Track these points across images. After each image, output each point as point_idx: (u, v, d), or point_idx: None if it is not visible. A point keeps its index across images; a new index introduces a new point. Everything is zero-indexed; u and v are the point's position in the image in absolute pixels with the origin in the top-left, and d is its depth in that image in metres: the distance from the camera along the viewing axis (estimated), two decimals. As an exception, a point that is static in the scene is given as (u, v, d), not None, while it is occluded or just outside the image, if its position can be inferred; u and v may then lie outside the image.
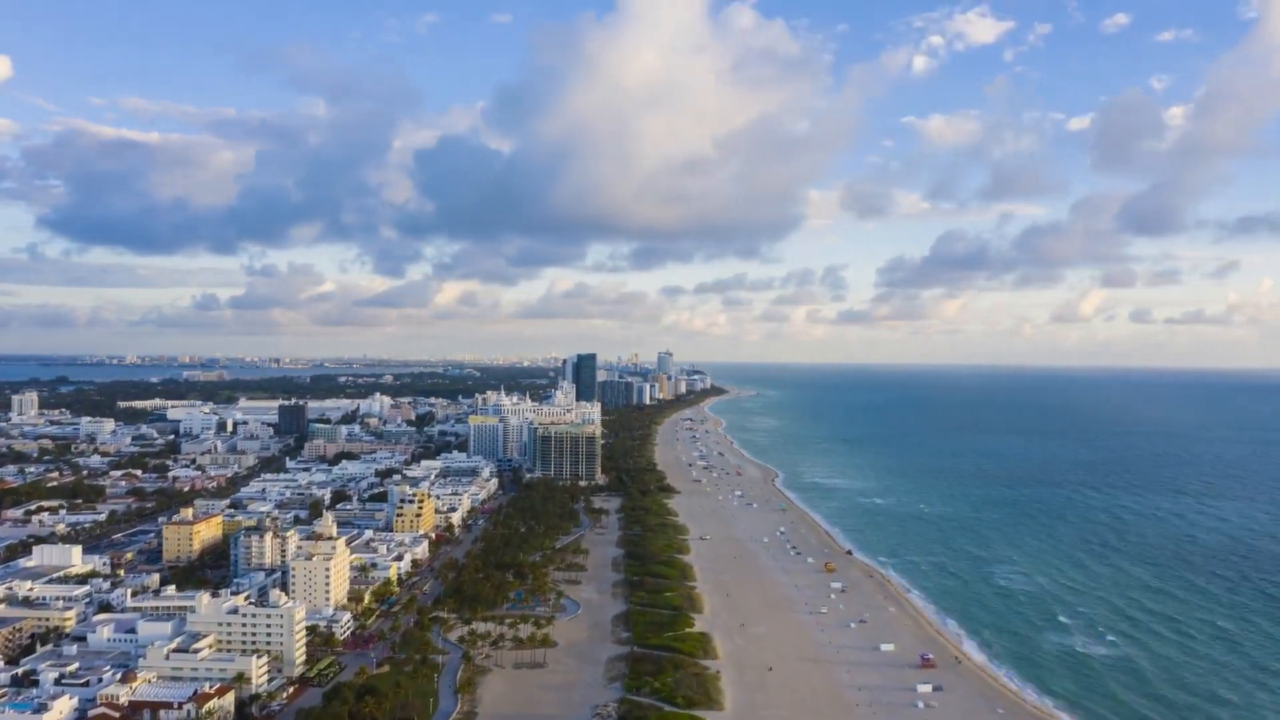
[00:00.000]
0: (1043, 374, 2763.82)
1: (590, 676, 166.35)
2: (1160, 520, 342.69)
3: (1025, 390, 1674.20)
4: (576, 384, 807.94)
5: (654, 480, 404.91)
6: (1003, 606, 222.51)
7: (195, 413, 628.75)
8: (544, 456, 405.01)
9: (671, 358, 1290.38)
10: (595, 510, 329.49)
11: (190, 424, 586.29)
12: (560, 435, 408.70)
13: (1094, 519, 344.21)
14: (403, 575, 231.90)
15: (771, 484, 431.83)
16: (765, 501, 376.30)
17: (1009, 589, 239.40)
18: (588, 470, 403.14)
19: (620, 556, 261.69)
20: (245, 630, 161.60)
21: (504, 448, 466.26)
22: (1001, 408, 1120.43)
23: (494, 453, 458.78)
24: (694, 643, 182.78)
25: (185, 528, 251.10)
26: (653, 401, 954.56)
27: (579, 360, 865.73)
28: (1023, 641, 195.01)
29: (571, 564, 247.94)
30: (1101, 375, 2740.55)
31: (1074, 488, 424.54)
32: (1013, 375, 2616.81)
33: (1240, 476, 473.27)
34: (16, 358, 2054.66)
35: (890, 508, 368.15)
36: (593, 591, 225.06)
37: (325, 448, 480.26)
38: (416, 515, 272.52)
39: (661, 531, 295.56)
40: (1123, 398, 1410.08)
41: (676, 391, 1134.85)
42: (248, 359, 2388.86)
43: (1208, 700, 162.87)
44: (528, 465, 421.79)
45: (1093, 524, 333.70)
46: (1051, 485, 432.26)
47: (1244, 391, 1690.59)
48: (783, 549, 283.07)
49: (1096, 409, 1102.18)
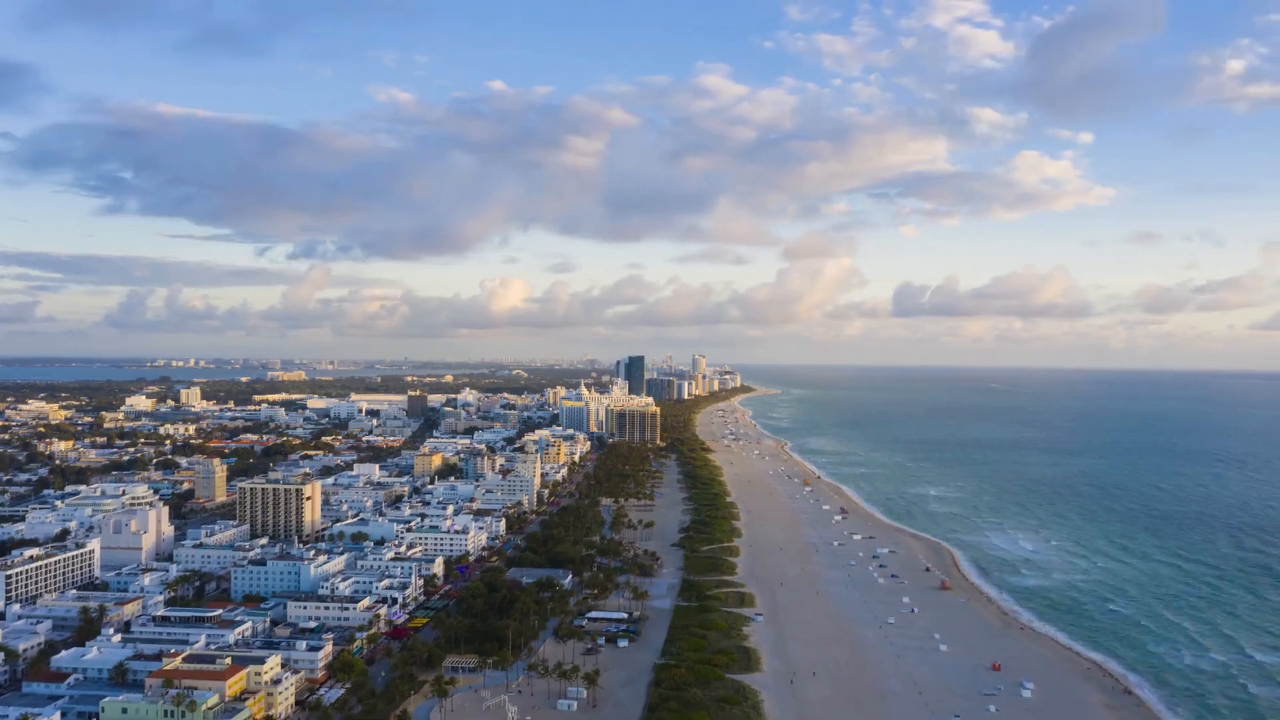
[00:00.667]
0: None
1: (674, 514, 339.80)
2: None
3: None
4: (628, 380, 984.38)
5: (697, 444, 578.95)
6: (893, 491, 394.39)
7: (338, 402, 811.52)
8: (620, 427, 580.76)
9: (702, 361, 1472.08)
10: (661, 456, 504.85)
11: (339, 410, 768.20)
12: (631, 412, 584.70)
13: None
14: (560, 480, 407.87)
15: (783, 449, 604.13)
16: (774, 457, 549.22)
17: (903, 490, 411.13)
18: (651, 436, 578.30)
19: (681, 477, 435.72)
20: (511, 486, 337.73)
21: (587, 423, 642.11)
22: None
23: (581, 427, 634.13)
24: (726, 505, 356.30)
25: (426, 457, 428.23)
26: (690, 396, 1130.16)
27: (630, 361, 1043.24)
28: (896, 507, 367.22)
29: (654, 478, 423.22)
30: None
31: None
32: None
33: None
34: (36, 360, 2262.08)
35: (855, 459, 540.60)
36: (668, 490, 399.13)
37: (457, 424, 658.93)
38: (556, 453, 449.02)
39: (705, 468, 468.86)
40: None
41: (710, 389, 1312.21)
42: (297, 360, 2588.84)
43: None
44: (607, 434, 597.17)
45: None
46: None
47: None
48: (781, 478, 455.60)
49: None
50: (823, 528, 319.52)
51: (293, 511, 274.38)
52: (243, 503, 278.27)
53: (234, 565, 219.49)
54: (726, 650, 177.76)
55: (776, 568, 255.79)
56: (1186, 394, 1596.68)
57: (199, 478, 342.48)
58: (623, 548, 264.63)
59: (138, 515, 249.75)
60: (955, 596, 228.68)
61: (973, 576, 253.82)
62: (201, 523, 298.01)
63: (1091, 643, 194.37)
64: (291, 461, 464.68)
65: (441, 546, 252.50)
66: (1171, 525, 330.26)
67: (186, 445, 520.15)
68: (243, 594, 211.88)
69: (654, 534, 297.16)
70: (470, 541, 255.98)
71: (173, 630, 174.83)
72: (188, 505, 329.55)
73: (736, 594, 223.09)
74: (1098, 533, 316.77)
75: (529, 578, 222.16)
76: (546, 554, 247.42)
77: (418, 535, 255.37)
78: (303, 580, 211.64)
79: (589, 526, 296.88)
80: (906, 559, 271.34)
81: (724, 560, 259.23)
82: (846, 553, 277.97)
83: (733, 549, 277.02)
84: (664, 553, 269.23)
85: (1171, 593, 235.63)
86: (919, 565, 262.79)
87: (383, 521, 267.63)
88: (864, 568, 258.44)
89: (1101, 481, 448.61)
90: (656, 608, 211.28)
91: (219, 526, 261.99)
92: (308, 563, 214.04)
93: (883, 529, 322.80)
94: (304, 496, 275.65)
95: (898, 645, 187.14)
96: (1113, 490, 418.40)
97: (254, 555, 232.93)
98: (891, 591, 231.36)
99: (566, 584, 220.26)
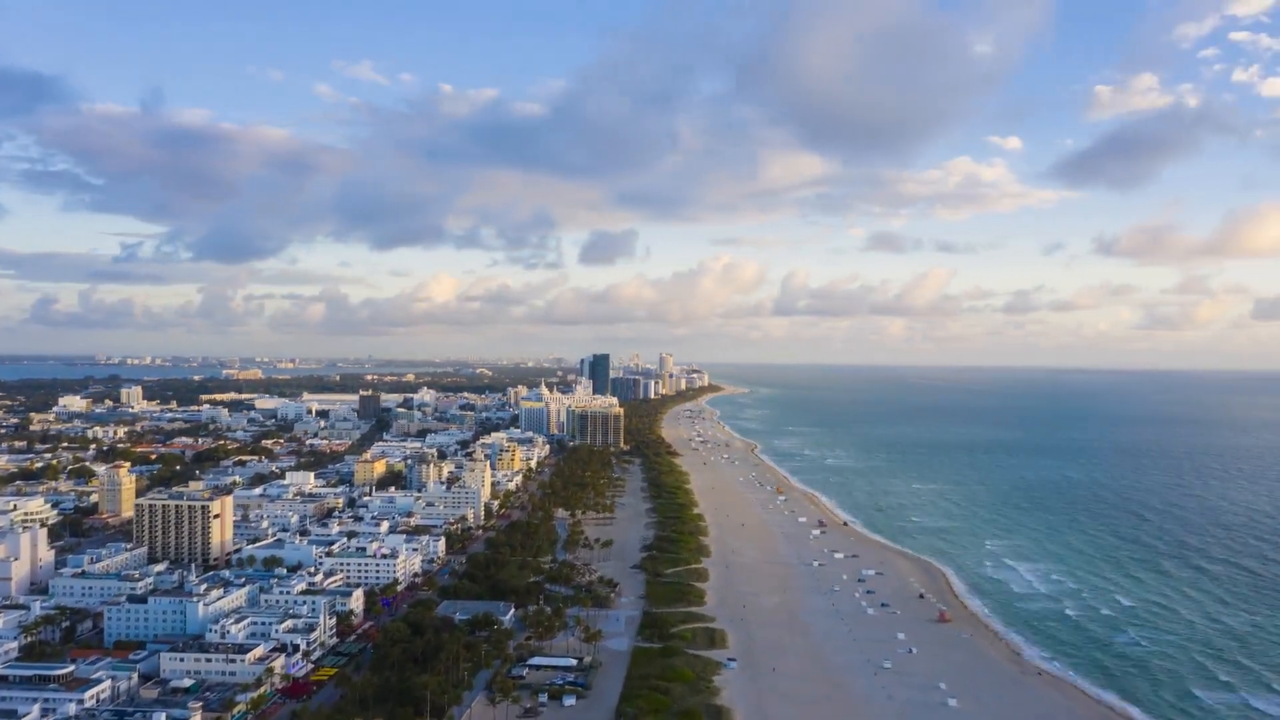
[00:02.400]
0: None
1: (636, 528, 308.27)
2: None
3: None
4: (592, 380, 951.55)
5: (663, 448, 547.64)
6: (868, 499, 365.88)
7: (286, 402, 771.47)
8: (582, 429, 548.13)
9: (670, 358, 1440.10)
10: (624, 461, 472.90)
11: (286, 411, 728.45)
12: (593, 413, 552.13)
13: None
14: (513, 489, 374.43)
15: (753, 452, 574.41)
16: (744, 461, 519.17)
17: (880, 498, 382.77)
18: (614, 440, 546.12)
19: (645, 485, 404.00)
20: (456, 499, 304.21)
21: (548, 425, 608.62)
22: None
23: (541, 429, 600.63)
24: (693, 516, 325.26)
25: (367, 464, 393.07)
26: (656, 396, 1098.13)
27: (595, 359, 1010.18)
28: (876, 518, 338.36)
29: (615, 486, 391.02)
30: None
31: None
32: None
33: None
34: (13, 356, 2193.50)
35: (823, 462, 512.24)
36: (630, 500, 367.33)
37: (408, 426, 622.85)
38: (511, 459, 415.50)
39: (671, 474, 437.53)
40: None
41: (677, 388, 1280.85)
42: (258, 359, 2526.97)
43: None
44: (569, 437, 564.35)
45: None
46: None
47: None
48: (752, 484, 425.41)
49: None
50: (800, 544, 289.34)
51: (198, 532, 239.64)
52: (140, 522, 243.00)
53: (107, 603, 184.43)
54: (693, 712, 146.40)
55: (751, 595, 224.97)
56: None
57: (103, 490, 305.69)
58: (576, 572, 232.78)
59: (7, 539, 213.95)
60: (956, 631, 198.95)
61: (971, 603, 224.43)
62: (98, 543, 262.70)
63: (1121, 689, 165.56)
64: (223, 469, 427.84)
65: (366, 574, 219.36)
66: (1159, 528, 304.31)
67: (113, 450, 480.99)
68: (116, 638, 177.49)
69: (613, 553, 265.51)
70: (400, 567, 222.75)
71: (8, 694, 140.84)
72: (88, 522, 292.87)
73: (705, 631, 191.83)
74: (1083, 541, 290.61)
75: (464, 613, 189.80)
76: (488, 581, 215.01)
77: (339, 561, 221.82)
78: (189, 621, 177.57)
79: (540, 545, 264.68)
80: (895, 582, 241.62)
81: (691, 587, 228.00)
82: (828, 575, 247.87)
83: (701, 571, 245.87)
84: (623, 576, 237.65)
85: (1185, 617, 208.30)
86: (911, 591, 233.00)
87: (301, 544, 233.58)
88: (849, 594, 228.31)
89: (1067, 480, 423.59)
90: (612, 650, 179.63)
91: (108, 551, 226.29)
92: (196, 600, 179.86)
93: (865, 545, 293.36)
94: (211, 515, 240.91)
95: (898, 700, 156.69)
96: (1081, 489, 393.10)
97: (142, 587, 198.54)
98: (884, 625, 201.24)
99: (507, 621, 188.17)
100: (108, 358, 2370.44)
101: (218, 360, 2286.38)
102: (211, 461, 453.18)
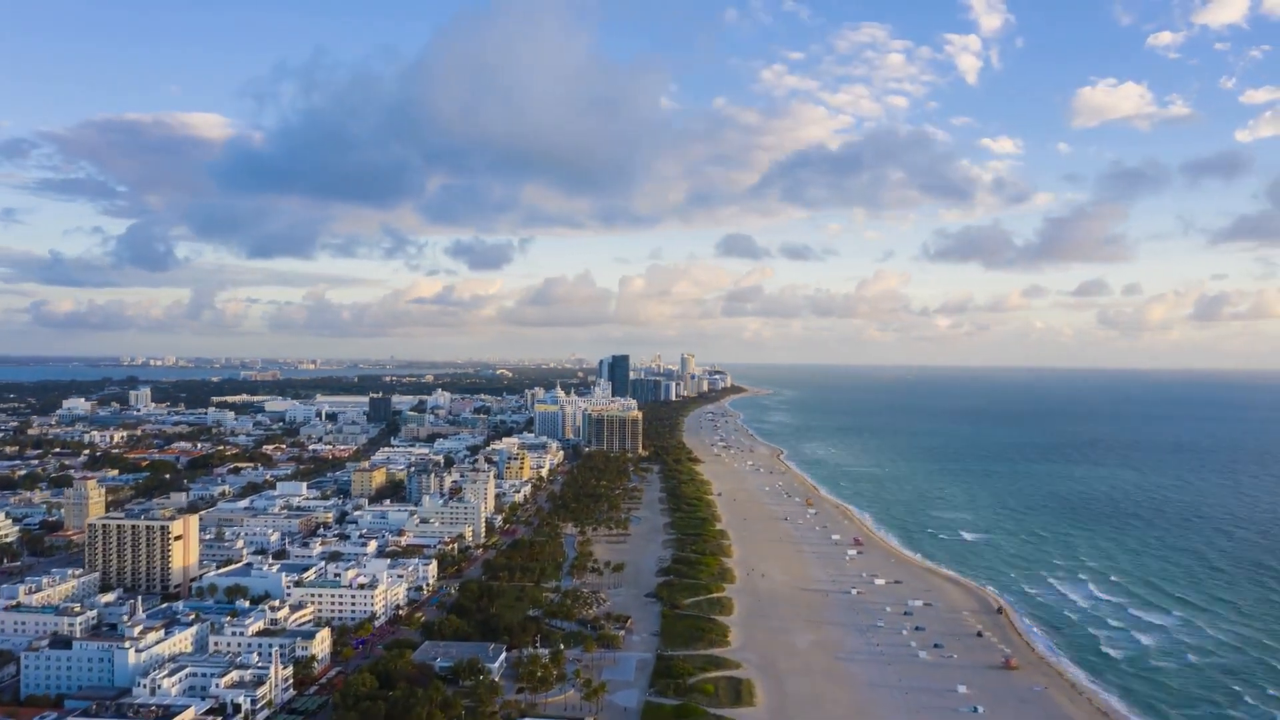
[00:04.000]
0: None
1: (652, 547, 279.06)
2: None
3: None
4: (611, 381, 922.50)
5: (684, 454, 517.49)
6: (916, 521, 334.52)
7: (295, 405, 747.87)
8: (598, 434, 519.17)
9: (692, 360, 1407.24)
10: (642, 470, 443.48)
11: (294, 414, 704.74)
12: (610, 418, 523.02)
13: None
14: (520, 501, 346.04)
15: (778, 458, 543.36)
16: (769, 469, 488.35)
17: (916, 510, 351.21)
18: (632, 445, 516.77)
19: (664, 496, 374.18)
20: (454, 514, 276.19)
21: (563, 430, 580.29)
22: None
23: (555, 434, 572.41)
24: (715, 533, 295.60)
25: (365, 473, 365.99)
26: (677, 398, 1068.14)
27: (614, 361, 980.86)
28: (918, 536, 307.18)
29: (631, 497, 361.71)
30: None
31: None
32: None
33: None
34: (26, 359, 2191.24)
35: (860, 470, 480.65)
36: (647, 513, 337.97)
37: (418, 430, 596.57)
38: (520, 468, 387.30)
39: (692, 483, 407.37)
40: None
41: (699, 390, 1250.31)
42: (281, 360, 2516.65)
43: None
44: (584, 442, 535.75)
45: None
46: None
47: None
48: (779, 495, 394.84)
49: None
50: (834, 567, 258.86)
51: (156, 556, 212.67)
52: (94, 544, 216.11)
53: (27, 649, 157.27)
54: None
55: (781, 632, 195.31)
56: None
57: (69, 503, 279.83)
58: (582, 603, 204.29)
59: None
60: (1027, 682, 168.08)
61: (1039, 644, 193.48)
62: (62, 563, 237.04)
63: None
64: (215, 477, 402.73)
65: (340, 608, 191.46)
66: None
67: (105, 456, 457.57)
68: (31, 692, 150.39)
69: (626, 577, 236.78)
70: (379, 600, 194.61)
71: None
72: (51, 540, 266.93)
73: (730, 682, 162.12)
74: (1158, 559, 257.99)
75: (446, 658, 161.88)
76: (479, 616, 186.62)
77: (310, 592, 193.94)
78: (118, 671, 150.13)
79: (544, 568, 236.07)
80: (947, 616, 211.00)
81: (713, 622, 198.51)
82: (869, 605, 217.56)
83: (724, 602, 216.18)
84: (636, 606, 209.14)
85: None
86: (966, 627, 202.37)
87: (271, 570, 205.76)
88: (895, 630, 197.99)
89: (1128, 494, 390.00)
90: (619, 707, 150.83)
91: (50, 578, 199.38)
92: (129, 645, 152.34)
93: (906, 567, 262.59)
94: (171, 536, 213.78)
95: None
96: (1147, 504, 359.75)
97: (80, 624, 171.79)
98: (940, 674, 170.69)
99: (496, 668, 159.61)
100: (131, 359, 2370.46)
101: (240, 362, 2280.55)
102: (205, 469, 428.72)
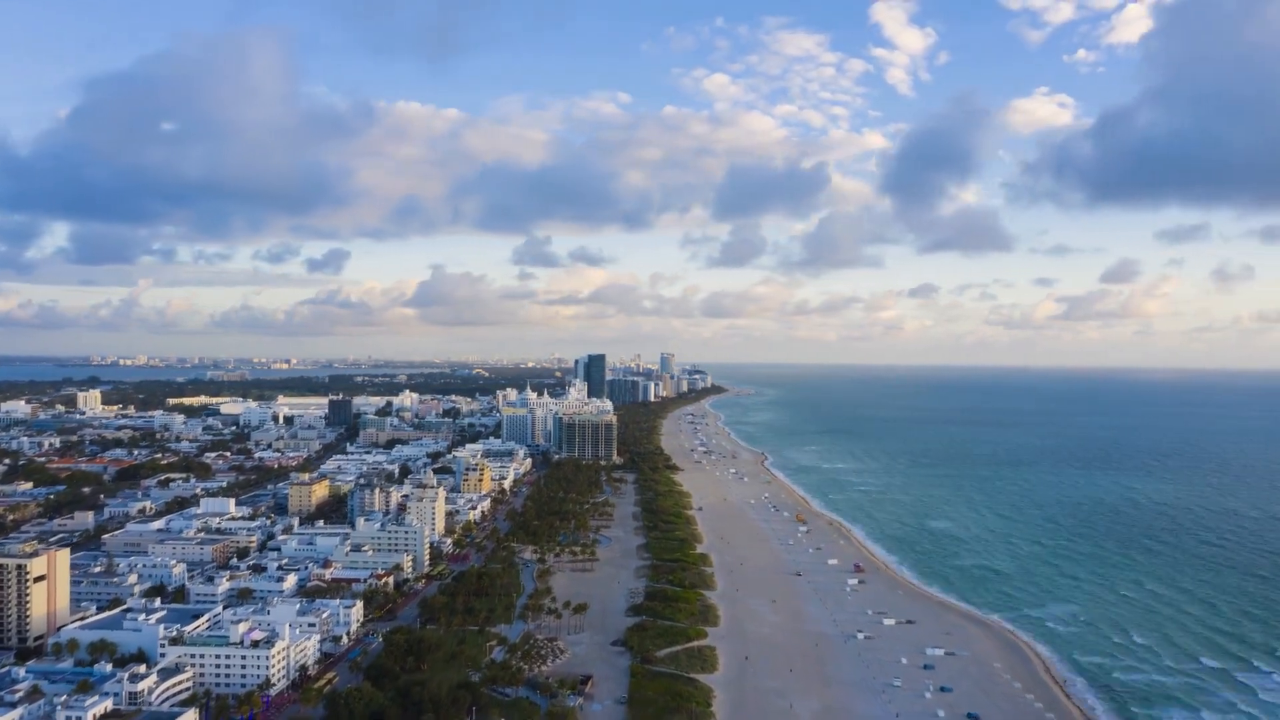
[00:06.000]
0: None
1: (624, 576, 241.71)
2: None
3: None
4: (587, 382, 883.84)
5: (661, 460, 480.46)
6: (918, 540, 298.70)
7: (252, 407, 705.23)
8: (569, 440, 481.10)
9: (673, 359, 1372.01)
10: (615, 480, 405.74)
11: (249, 417, 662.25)
12: (582, 422, 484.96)
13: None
14: (476, 520, 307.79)
15: (763, 465, 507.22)
16: (754, 477, 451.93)
17: (922, 528, 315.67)
18: (606, 452, 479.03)
19: (638, 512, 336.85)
20: (392, 540, 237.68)
21: (532, 435, 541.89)
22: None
23: (524, 439, 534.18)
24: (696, 558, 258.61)
25: (304, 488, 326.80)
26: (656, 399, 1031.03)
27: (590, 360, 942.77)
28: (926, 561, 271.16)
29: (602, 514, 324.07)
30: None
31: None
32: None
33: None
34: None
35: (850, 478, 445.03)
36: (620, 532, 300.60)
37: (377, 435, 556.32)
38: (479, 480, 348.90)
39: (670, 496, 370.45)
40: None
41: (679, 390, 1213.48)
42: (256, 360, 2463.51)
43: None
44: (554, 448, 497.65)
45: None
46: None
47: None
48: (765, 509, 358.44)
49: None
50: (836, 601, 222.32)
51: (11, 603, 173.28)
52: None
53: None
54: None
55: (777, 697, 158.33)
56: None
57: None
58: (534, 655, 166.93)
59: None
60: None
61: (1095, 709, 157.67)
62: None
63: None
64: (143, 489, 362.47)
65: (226, 673, 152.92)
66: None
67: (19, 467, 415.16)
68: None
69: (590, 620, 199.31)
70: (276, 660, 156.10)
71: None
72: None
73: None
74: (1210, 592, 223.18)
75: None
76: (401, 681, 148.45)
77: (190, 651, 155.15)
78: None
79: (493, 607, 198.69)
80: (974, 669, 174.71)
81: (693, 683, 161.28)
82: (881, 655, 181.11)
83: (706, 654, 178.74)
84: (600, 659, 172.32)
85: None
86: (1000, 684, 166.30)
87: (147, 623, 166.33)
88: (917, 693, 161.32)
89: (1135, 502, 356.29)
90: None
91: None
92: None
93: (919, 601, 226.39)
94: (31, 578, 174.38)
95: None
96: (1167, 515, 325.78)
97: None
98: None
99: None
100: (102, 358, 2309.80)
101: (213, 361, 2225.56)
102: (134, 480, 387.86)
